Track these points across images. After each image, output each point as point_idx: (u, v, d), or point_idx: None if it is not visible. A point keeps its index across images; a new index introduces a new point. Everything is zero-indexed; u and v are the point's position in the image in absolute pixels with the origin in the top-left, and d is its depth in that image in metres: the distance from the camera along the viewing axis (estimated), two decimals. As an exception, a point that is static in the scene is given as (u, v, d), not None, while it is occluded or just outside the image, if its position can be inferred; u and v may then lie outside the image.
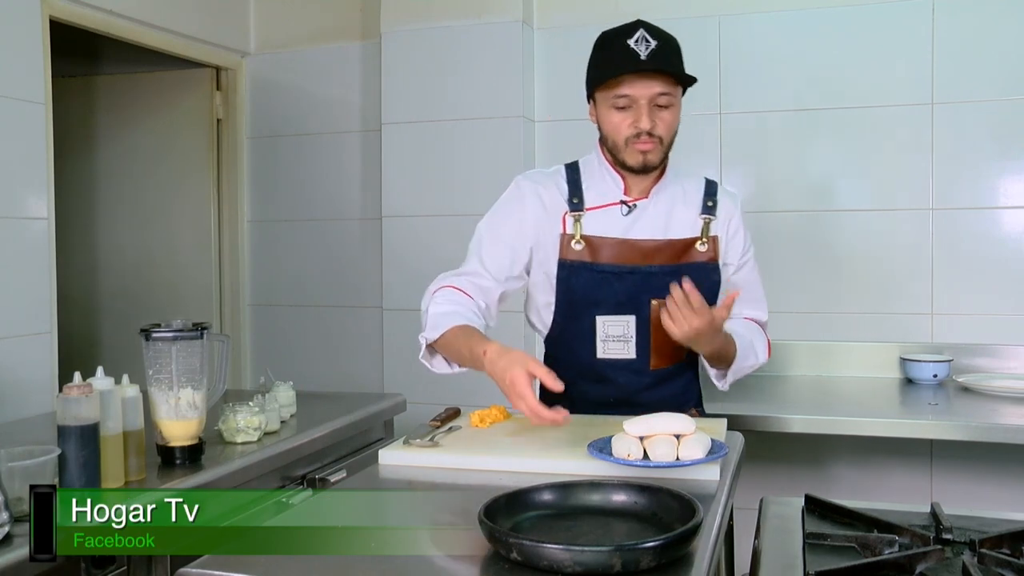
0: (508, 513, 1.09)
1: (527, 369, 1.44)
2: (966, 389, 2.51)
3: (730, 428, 1.65)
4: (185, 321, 1.73)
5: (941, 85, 2.73)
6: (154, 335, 1.69)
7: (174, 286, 3.44)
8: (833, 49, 2.82)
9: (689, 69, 1.69)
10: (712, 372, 1.80)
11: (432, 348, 1.66)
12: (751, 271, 1.84)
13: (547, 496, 1.15)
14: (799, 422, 2.23)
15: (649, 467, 1.33)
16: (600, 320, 1.71)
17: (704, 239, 1.74)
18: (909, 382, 2.65)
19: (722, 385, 1.81)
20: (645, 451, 1.34)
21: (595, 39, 1.71)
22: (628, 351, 1.71)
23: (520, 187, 1.77)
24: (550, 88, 3.06)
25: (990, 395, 2.44)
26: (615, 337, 1.71)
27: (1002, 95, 2.69)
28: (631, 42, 1.61)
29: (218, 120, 3.43)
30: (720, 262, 1.76)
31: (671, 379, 1.77)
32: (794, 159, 2.88)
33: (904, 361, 2.67)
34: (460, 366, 1.65)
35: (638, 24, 1.64)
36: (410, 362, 3.07)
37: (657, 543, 0.97)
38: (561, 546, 0.95)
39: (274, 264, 3.46)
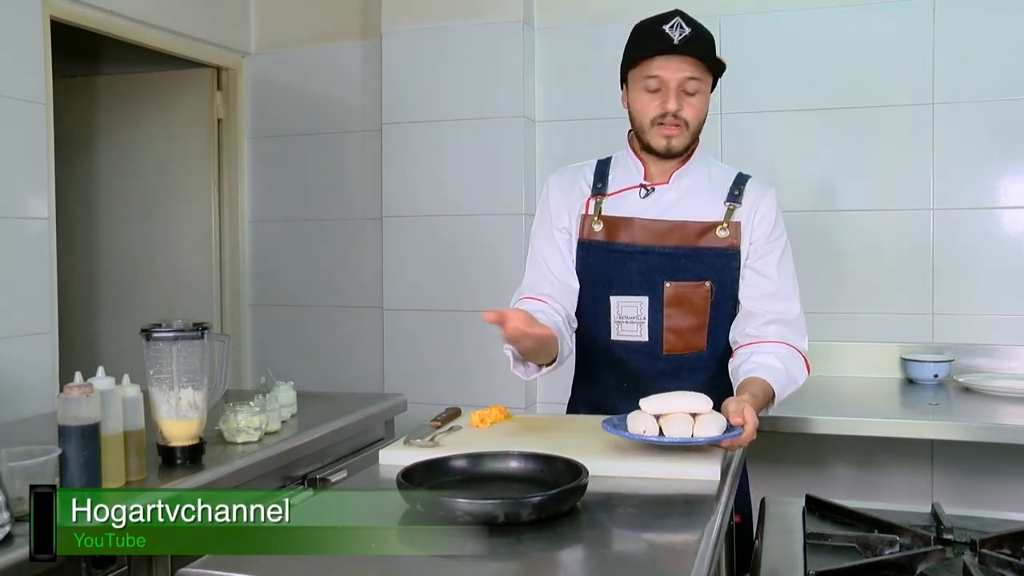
0: (427, 477, 1.24)
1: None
2: (967, 389, 2.51)
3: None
4: (186, 321, 1.73)
5: (941, 85, 2.73)
6: (155, 335, 1.70)
7: (174, 286, 3.44)
8: (833, 49, 2.82)
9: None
10: None
11: (519, 358, 1.66)
12: (780, 262, 1.75)
13: (461, 463, 1.29)
14: (799, 422, 2.22)
15: (663, 443, 1.32)
16: (614, 300, 1.73)
17: (725, 224, 1.72)
18: (910, 382, 2.65)
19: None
20: (661, 430, 1.34)
21: (631, 28, 1.74)
22: (641, 333, 1.72)
23: (547, 185, 1.85)
24: (550, 88, 3.05)
25: (991, 395, 2.43)
26: (628, 318, 1.73)
27: (1002, 95, 2.69)
28: (666, 27, 1.65)
29: (218, 120, 3.42)
30: (742, 250, 1.72)
31: (689, 371, 1.72)
32: (794, 159, 2.88)
33: (905, 361, 2.67)
34: (544, 362, 1.66)
35: (675, 12, 1.68)
36: (410, 362, 3.09)
37: (536, 499, 1.09)
38: (453, 498, 1.08)
39: (274, 264, 3.46)
